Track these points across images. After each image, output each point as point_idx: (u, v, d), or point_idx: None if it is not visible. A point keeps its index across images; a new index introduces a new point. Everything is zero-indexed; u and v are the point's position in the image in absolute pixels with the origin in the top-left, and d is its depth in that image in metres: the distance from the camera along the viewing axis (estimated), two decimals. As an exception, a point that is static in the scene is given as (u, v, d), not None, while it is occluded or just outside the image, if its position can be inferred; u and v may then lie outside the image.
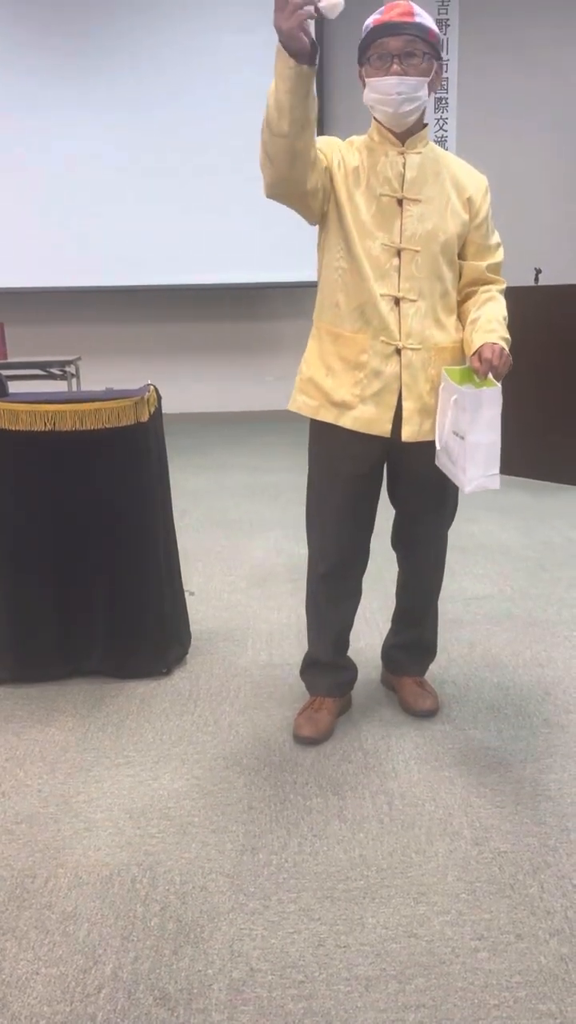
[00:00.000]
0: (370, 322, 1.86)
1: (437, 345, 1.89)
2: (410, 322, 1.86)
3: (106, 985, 1.37)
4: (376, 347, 1.87)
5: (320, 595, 2.11)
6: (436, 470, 1.99)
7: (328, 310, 1.92)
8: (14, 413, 2.22)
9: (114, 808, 1.84)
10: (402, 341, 1.87)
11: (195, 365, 7.44)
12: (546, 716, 2.18)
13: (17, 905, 1.55)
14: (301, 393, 2.00)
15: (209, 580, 3.28)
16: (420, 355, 1.88)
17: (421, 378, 1.89)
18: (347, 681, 2.20)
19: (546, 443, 4.70)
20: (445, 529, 2.14)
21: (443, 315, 1.90)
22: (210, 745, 2.08)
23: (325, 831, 1.74)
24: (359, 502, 2.00)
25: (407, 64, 1.74)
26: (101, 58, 6.61)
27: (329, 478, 1.99)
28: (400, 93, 1.74)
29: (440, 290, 1.88)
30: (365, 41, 1.77)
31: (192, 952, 1.43)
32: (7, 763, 2.03)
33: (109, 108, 6.69)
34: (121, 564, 2.37)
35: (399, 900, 1.54)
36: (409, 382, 1.89)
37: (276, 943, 1.45)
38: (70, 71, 6.61)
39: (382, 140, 1.84)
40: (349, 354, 1.89)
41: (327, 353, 1.93)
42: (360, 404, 1.90)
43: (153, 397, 2.32)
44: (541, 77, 6.87)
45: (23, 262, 6.91)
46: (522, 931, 1.46)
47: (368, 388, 1.89)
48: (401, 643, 2.27)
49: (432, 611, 2.24)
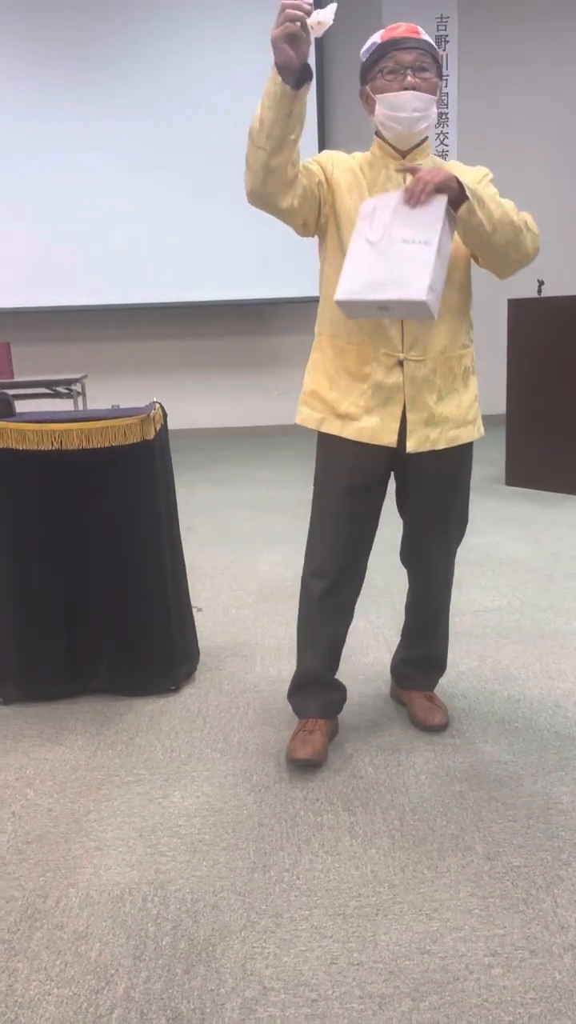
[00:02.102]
0: (372, 334, 1.86)
1: (444, 354, 1.88)
2: (413, 333, 1.85)
3: (118, 1005, 1.36)
4: (379, 359, 1.87)
5: (315, 609, 2.07)
6: (444, 481, 1.99)
7: (330, 322, 1.92)
8: (21, 432, 2.23)
9: (125, 826, 1.83)
10: (404, 353, 1.86)
11: (202, 381, 7.47)
12: (557, 729, 2.17)
13: (29, 925, 1.55)
14: (305, 405, 2.00)
15: (217, 596, 3.28)
16: (424, 366, 1.87)
17: (425, 389, 1.88)
18: (338, 701, 2.15)
19: (553, 454, 4.70)
20: (455, 544, 2.13)
21: (453, 323, 1.89)
22: (220, 762, 2.08)
23: (336, 847, 1.74)
24: (362, 516, 2.00)
25: (419, 78, 1.74)
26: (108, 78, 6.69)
27: (333, 489, 1.99)
28: (416, 110, 1.74)
29: (458, 306, 1.88)
30: (373, 57, 1.78)
31: (204, 971, 1.43)
32: (17, 782, 2.03)
33: (114, 127, 6.76)
34: (128, 581, 2.38)
35: (412, 916, 1.53)
36: (413, 394, 1.88)
37: (289, 961, 1.44)
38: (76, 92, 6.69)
39: (384, 156, 1.85)
40: (352, 366, 1.90)
41: (330, 365, 1.93)
42: (365, 415, 1.89)
43: (159, 415, 2.33)
44: (541, 91, 6.92)
45: (28, 282, 6.97)
46: (536, 946, 1.45)
47: (373, 399, 1.89)
48: (411, 658, 2.25)
49: (443, 627, 2.22)
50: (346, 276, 1.71)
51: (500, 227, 1.75)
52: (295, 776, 2.00)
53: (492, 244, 1.77)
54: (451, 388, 1.93)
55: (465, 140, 6.95)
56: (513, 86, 6.89)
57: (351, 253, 1.73)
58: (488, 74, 6.86)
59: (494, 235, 1.75)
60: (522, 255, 1.84)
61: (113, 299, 7.03)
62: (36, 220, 6.87)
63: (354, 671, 2.56)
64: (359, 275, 1.69)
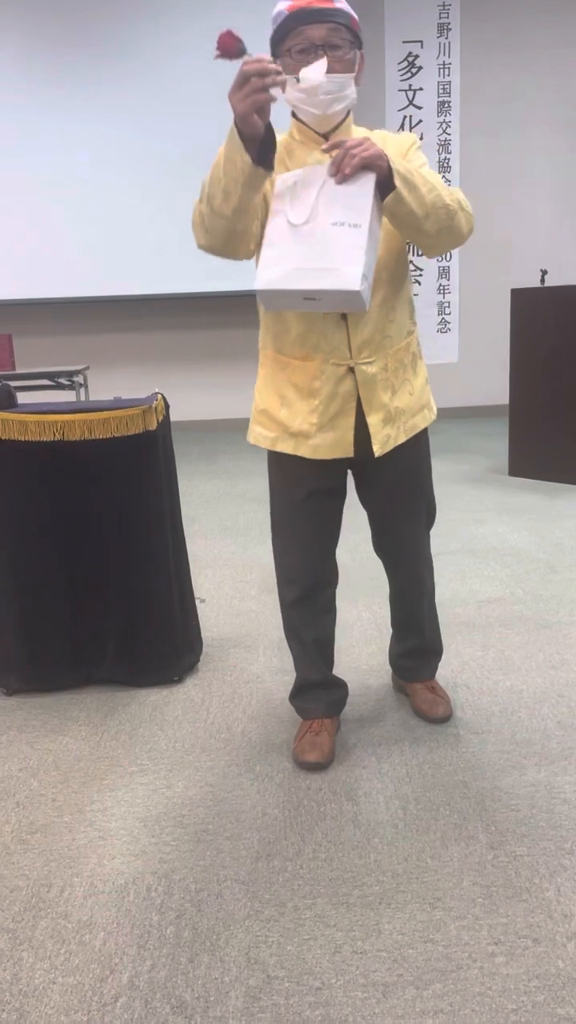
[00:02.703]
0: (318, 346, 1.75)
1: (392, 347, 1.80)
2: (361, 335, 1.75)
3: (123, 994, 1.37)
4: (328, 371, 1.77)
5: (296, 620, 2.04)
6: (406, 471, 1.93)
7: (273, 337, 1.82)
8: (23, 424, 2.23)
9: (128, 817, 1.84)
10: (354, 358, 1.77)
11: (204, 372, 7.46)
12: (560, 719, 2.17)
13: (33, 915, 1.55)
14: (257, 425, 1.91)
15: (220, 587, 3.28)
16: (375, 365, 1.79)
17: (379, 388, 1.80)
18: (340, 699, 2.14)
19: (556, 444, 4.69)
20: (423, 532, 2.07)
21: (396, 313, 1.79)
22: (223, 752, 2.08)
23: (340, 837, 1.74)
24: (325, 522, 1.94)
25: (332, 57, 1.56)
26: (108, 66, 6.65)
27: (292, 502, 1.93)
28: (329, 93, 1.56)
29: (391, 290, 1.77)
30: (280, 31, 1.59)
31: (208, 960, 1.43)
32: (21, 773, 2.04)
33: (115, 117, 6.73)
34: (131, 572, 2.38)
35: (415, 905, 1.54)
36: (368, 396, 1.80)
37: (292, 950, 1.45)
38: (77, 80, 6.66)
39: (304, 139, 1.70)
40: (300, 381, 1.80)
41: (279, 382, 1.84)
42: (318, 433, 1.81)
43: (161, 405, 2.33)
44: (544, 78, 6.88)
45: (30, 273, 6.95)
46: (539, 935, 1.45)
47: (324, 415, 1.80)
48: (405, 650, 2.23)
49: (428, 613, 2.18)
50: (266, 263, 1.53)
51: (433, 212, 1.59)
52: (298, 766, 2.00)
53: (423, 231, 1.62)
54: (403, 379, 1.86)
55: (467, 127, 6.91)
56: (516, 72, 6.85)
57: (270, 236, 1.54)
58: (491, 60, 6.81)
59: (426, 221, 1.60)
60: (455, 238, 1.68)
61: (116, 291, 7.01)
62: (37, 212, 6.85)
63: (356, 662, 2.56)
64: (281, 262, 1.51)
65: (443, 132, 6.90)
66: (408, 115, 6.85)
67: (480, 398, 7.48)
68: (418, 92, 6.83)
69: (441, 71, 6.78)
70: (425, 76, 6.79)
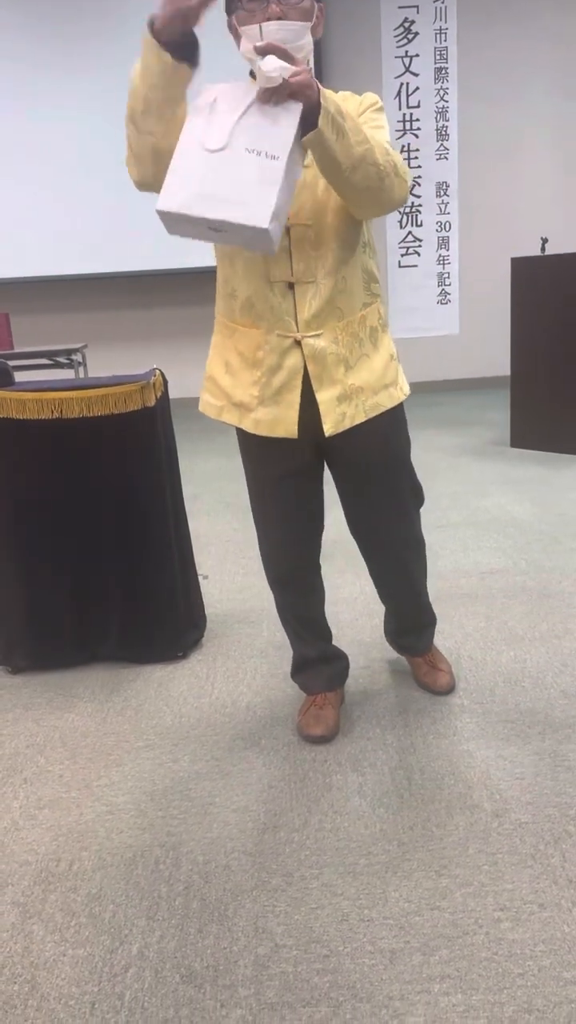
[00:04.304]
0: (263, 315, 1.67)
1: (343, 319, 1.70)
2: (309, 307, 1.66)
3: (133, 964, 1.38)
4: (272, 341, 1.68)
5: (283, 601, 2.02)
6: (376, 455, 1.84)
7: (222, 300, 1.75)
8: (21, 402, 2.22)
9: (135, 791, 1.85)
10: (300, 331, 1.67)
11: (204, 349, 7.42)
12: (564, 687, 2.18)
13: (43, 889, 1.57)
14: (205, 392, 1.85)
15: (222, 563, 3.28)
16: (324, 339, 1.69)
17: (331, 363, 1.70)
18: (342, 671, 2.13)
19: (558, 414, 4.67)
20: (404, 516, 1.95)
21: (348, 282, 1.69)
22: (228, 726, 2.09)
23: (345, 807, 1.75)
24: (296, 507, 1.88)
25: (286, 5, 1.47)
26: (102, 42, 6.55)
27: (260, 483, 1.87)
28: (284, 41, 1.45)
29: (342, 257, 1.66)
30: None
31: (217, 930, 1.45)
32: (28, 750, 2.05)
33: (109, 93, 6.64)
34: (133, 549, 2.38)
35: (421, 874, 1.55)
36: (318, 372, 1.70)
37: (300, 919, 1.46)
38: (70, 57, 6.56)
39: None
40: (245, 349, 1.73)
41: (226, 348, 1.77)
42: (259, 406, 1.73)
43: (159, 381, 2.31)
44: (543, 45, 6.76)
45: (26, 251, 6.90)
46: (545, 900, 1.47)
47: (267, 388, 1.72)
48: (397, 628, 2.21)
49: (411, 594, 2.09)
50: (173, 182, 1.39)
51: (360, 167, 1.48)
52: (303, 738, 2.01)
53: (347, 183, 1.51)
54: (360, 354, 1.74)
55: (466, 95, 6.81)
56: (515, 37, 6.73)
57: (181, 153, 1.40)
58: (488, 24, 6.69)
59: (352, 174, 1.49)
60: (383, 202, 1.57)
61: (114, 267, 6.95)
62: (33, 190, 6.78)
63: (359, 635, 2.56)
64: (188, 184, 1.38)
65: (440, 99, 6.80)
66: (405, 82, 6.75)
67: (481, 369, 7.43)
68: (414, 58, 6.71)
69: (438, 36, 6.67)
70: (421, 42, 6.68)
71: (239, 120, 1.39)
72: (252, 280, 1.66)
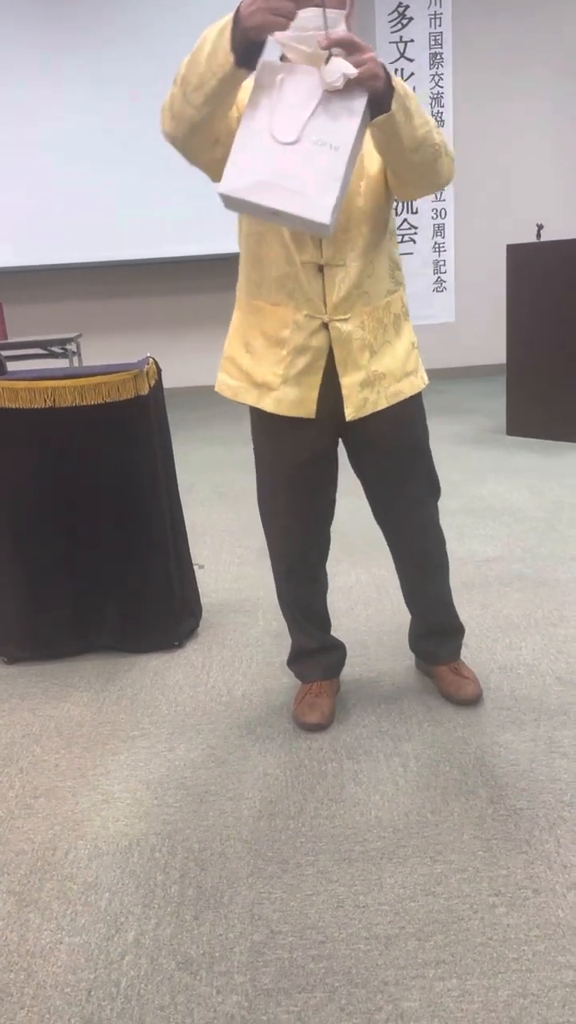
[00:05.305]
0: (292, 294, 1.68)
1: (370, 305, 1.71)
2: (338, 290, 1.67)
3: (129, 952, 1.39)
4: (300, 321, 1.69)
5: (288, 590, 2.02)
6: (398, 442, 1.84)
7: (248, 280, 1.75)
8: (13, 391, 2.21)
9: (131, 780, 1.85)
10: (329, 314, 1.69)
11: (199, 338, 7.39)
12: (559, 674, 2.18)
13: (39, 877, 1.57)
14: (222, 372, 1.83)
15: (218, 553, 3.28)
16: (351, 323, 1.70)
17: (355, 348, 1.72)
18: (338, 661, 2.13)
19: (554, 402, 4.66)
20: (425, 505, 1.95)
21: (376, 268, 1.70)
22: (224, 715, 2.09)
23: (341, 795, 1.75)
24: (311, 493, 1.88)
25: None
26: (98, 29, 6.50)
27: (278, 466, 1.86)
28: (319, 28, 1.43)
29: (372, 243, 1.68)
30: None
31: (213, 917, 1.45)
32: (24, 739, 2.05)
33: (104, 80, 6.59)
34: (128, 539, 2.37)
35: (416, 860, 1.55)
36: (343, 356, 1.72)
37: (295, 905, 1.46)
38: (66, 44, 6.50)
39: None
40: (271, 329, 1.73)
41: (248, 328, 1.77)
42: (282, 385, 1.73)
43: (153, 370, 2.30)
44: (539, 30, 6.72)
45: (19, 240, 6.86)
46: (539, 886, 1.47)
47: (291, 367, 1.72)
48: (423, 633, 2.13)
49: (439, 591, 2.07)
50: (236, 166, 1.42)
51: (421, 148, 1.52)
52: (298, 726, 2.01)
53: (407, 163, 1.54)
54: (383, 341, 1.76)
55: (461, 81, 6.76)
56: (511, 21, 6.68)
57: (245, 137, 1.44)
58: (484, 9, 6.65)
59: (413, 154, 1.52)
60: (435, 181, 1.60)
61: (107, 256, 6.92)
62: (26, 179, 6.74)
63: (354, 623, 2.56)
64: (252, 170, 1.42)
65: (436, 85, 6.76)
66: (399, 68, 6.70)
67: (477, 357, 7.42)
68: (409, 44, 6.67)
69: (432, 22, 6.62)
70: (416, 27, 6.63)
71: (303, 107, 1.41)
72: (283, 259, 1.67)
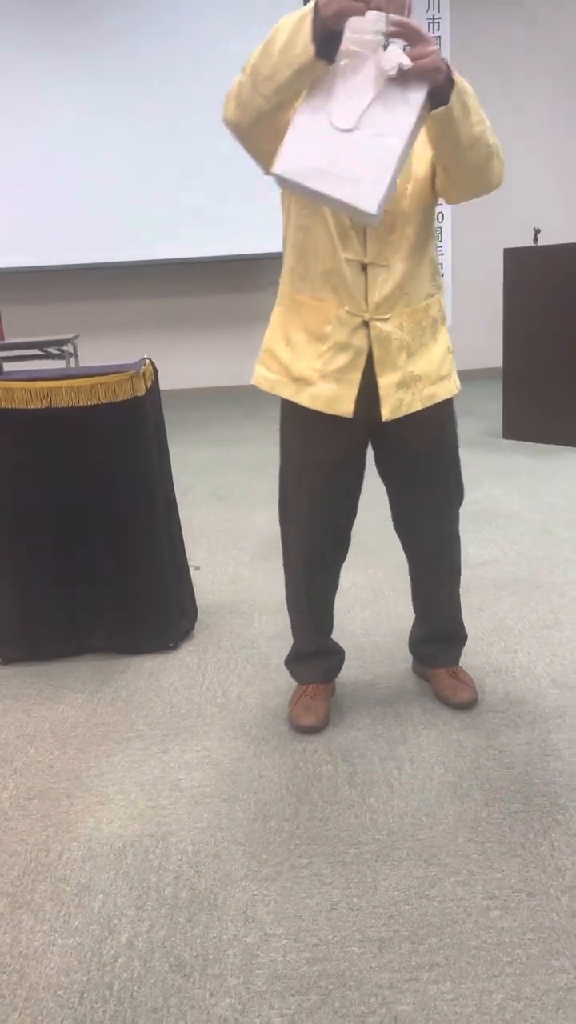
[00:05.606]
0: (335, 289, 1.69)
1: (410, 307, 1.73)
2: (380, 290, 1.69)
3: (122, 954, 1.38)
4: (342, 317, 1.70)
5: (302, 592, 2.00)
6: (428, 444, 1.85)
7: (292, 274, 1.76)
8: (9, 391, 2.20)
9: (125, 781, 1.85)
10: (370, 312, 1.70)
11: (196, 339, 7.39)
12: (553, 677, 2.18)
13: (32, 879, 1.57)
14: (261, 365, 1.84)
15: (214, 554, 3.28)
16: (391, 323, 1.72)
17: (394, 349, 1.73)
18: (337, 665, 2.12)
19: (550, 406, 4.67)
20: (453, 511, 1.96)
21: (418, 270, 1.72)
22: (219, 716, 2.09)
23: (335, 797, 1.75)
24: (340, 488, 1.88)
25: None
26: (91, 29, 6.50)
27: (308, 464, 1.85)
28: (380, 33, 1.45)
29: (416, 245, 1.70)
30: None
31: (206, 919, 1.45)
32: (18, 740, 2.04)
33: (100, 84, 6.59)
34: (124, 539, 2.37)
35: (411, 862, 1.55)
36: (382, 356, 1.73)
37: (289, 908, 1.46)
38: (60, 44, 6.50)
39: None
40: (312, 324, 1.73)
41: (289, 322, 1.78)
42: (320, 380, 1.74)
43: (149, 371, 2.30)
44: (537, 35, 6.74)
45: (16, 241, 6.85)
46: (534, 889, 1.47)
47: (331, 363, 1.73)
48: (427, 636, 2.13)
49: (450, 597, 2.08)
50: (292, 148, 1.43)
51: (475, 146, 1.54)
52: (293, 729, 2.01)
53: (461, 161, 1.56)
54: (420, 343, 1.77)
55: (459, 85, 6.77)
56: (509, 25, 6.70)
57: (303, 120, 1.44)
58: (482, 13, 6.66)
59: (467, 152, 1.54)
60: (486, 182, 1.63)
61: (105, 257, 6.92)
62: (23, 179, 6.73)
63: (351, 625, 2.56)
64: (307, 155, 1.43)
65: (434, 89, 6.76)
66: (398, 72, 6.70)
67: (474, 361, 7.43)
68: (408, 48, 6.67)
69: (431, 26, 6.63)
70: (415, 31, 6.63)
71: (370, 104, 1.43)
72: (329, 254, 1.68)
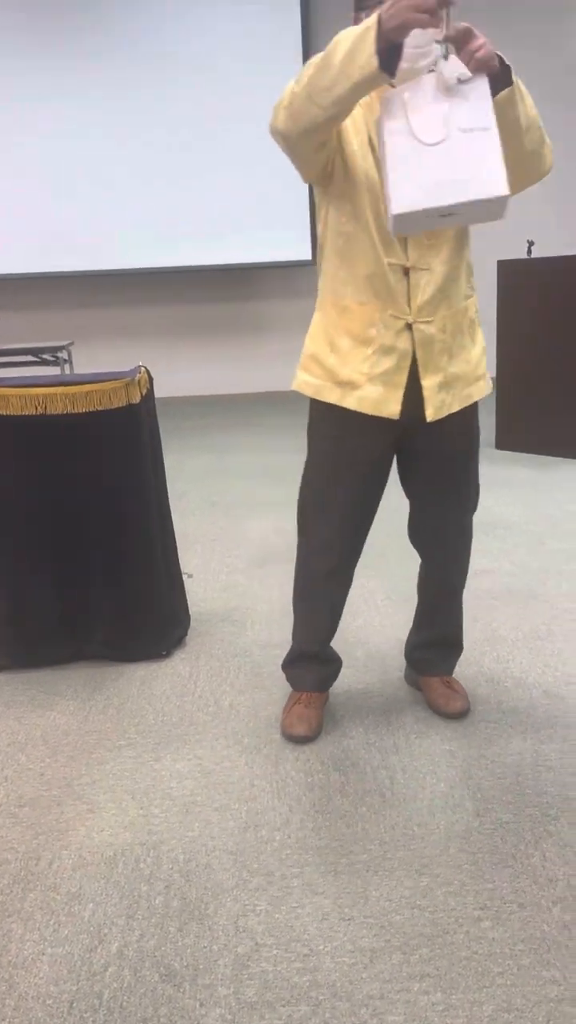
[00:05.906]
0: (379, 293, 1.71)
1: (451, 309, 1.75)
2: (422, 293, 1.70)
3: (112, 963, 1.37)
4: (386, 320, 1.72)
5: (319, 587, 1.99)
6: (460, 444, 1.87)
7: (334, 279, 1.76)
8: (4, 398, 2.20)
9: (117, 789, 1.84)
10: (413, 315, 1.72)
11: (191, 347, 7.41)
12: (546, 688, 2.19)
13: (22, 887, 1.56)
14: (303, 370, 1.84)
15: (208, 562, 3.27)
16: (433, 325, 1.73)
17: (437, 350, 1.75)
18: (333, 674, 2.11)
19: (544, 417, 4.68)
20: (471, 514, 1.99)
21: (456, 271, 1.74)
22: (211, 725, 2.09)
23: (327, 806, 1.75)
24: (368, 491, 1.89)
25: None
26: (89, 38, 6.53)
27: (336, 466, 1.86)
28: (417, 47, 1.50)
29: (457, 247, 1.73)
30: None
31: (197, 929, 1.44)
32: (9, 748, 2.03)
33: (97, 89, 6.62)
34: (117, 547, 2.37)
35: (402, 872, 1.55)
36: (425, 358, 1.74)
37: (280, 918, 1.46)
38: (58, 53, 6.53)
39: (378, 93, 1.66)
40: (356, 328, 1.74)
41: (332, 327, 1.78)
42: (367, 383, 1.74)
43: (144, 378, 2.30)
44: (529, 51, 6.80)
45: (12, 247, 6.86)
46: (525, 900, 1.47)
47: (377, 366, 1.74)
48: (425, 641, 2.12)
49: (457, 605, 2.10)
50: (398, 183, 1.46)
51: (532, 128, 1.56)
52: (286, 739, 2.01)
53: (521, 145, 1.57)
54: (460, 344, 1.80)
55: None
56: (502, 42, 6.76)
57: (393, 155, 1.48)
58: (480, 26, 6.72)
59: (526, 135, 1.55)
60: (541, 168, 1.66)
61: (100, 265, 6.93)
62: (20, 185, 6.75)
63: (344, 634, 2.56)
64: (414, 179, 1.45)
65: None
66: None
67: (468, 372, 7.45)
68: (404, 61, 6.72)
69: (427, 39, 6.68)
70: (411, 44, 6.68)
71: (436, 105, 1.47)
72: (372, 259, 1.70)
